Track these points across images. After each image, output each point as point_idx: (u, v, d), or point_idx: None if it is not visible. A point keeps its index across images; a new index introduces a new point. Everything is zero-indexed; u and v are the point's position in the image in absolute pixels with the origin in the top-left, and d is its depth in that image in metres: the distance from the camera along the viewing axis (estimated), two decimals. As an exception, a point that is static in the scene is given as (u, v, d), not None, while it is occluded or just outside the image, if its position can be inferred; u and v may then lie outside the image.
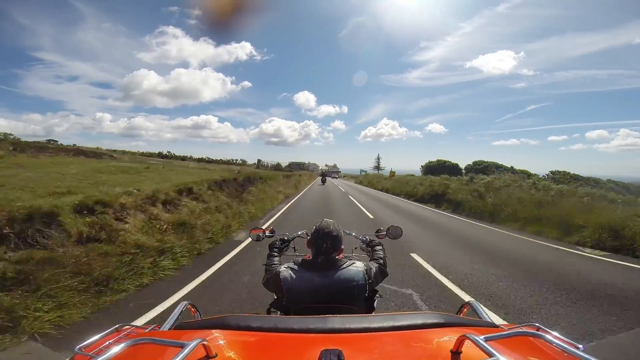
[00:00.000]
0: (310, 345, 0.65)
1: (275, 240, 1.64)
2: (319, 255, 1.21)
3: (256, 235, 1.91)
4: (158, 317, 2.80)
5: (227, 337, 0.71)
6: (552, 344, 0.67)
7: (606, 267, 4.90)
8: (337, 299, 1.13)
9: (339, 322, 0.75)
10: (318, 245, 1.22)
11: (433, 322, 0.77)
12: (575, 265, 4.91)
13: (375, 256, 1.45)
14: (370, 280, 1.19)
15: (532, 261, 5.05)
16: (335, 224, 1.29)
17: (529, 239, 7.14)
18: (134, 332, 0.92)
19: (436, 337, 0.70)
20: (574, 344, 0.71)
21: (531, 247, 6.28)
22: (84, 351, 0.72)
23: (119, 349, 0.58)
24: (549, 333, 0.77)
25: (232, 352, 0.65)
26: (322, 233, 1.23)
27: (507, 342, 0.66)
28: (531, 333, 0.72)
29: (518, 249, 6.05)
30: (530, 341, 0.72)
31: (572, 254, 5.83)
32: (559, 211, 7.98)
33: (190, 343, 0.57)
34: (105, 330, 0.87)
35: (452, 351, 0.62)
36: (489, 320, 0.96)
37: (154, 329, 0.97)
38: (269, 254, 1.51)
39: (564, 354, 0.65)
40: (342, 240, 1.27)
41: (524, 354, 0.66)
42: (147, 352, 0.64)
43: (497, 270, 4.45)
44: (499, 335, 0.65)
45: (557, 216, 7.83)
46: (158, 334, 0.83)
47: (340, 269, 1.18)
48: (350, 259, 1.29)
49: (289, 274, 1.18)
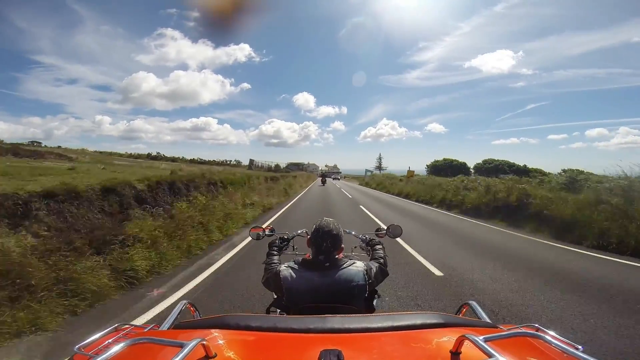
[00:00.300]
0: (309, 345, 0.65)
1: (275, 239, 1.63)
2: (319, 255, 1.21)
3: (256, 234, 1.92)
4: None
5: (226, 336, 0.71)
6: (551, 344, 0.68)
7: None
8: (337, 298, 1.13)
9: (339, 322, 0.75)
10: (318, 244, 1.21)
11: (432, 323, 0.76)
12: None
13: (376, 255, 1.44)
14: (370, 280, 1.19)
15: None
16: (335, 222, 1.28)
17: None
18: (133, 332, 0.92)
19: (435, 338, 0.70)
20: (573, 345, 0.71)
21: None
22: (83, 351, 0.72)
23: (119, 349, 0.58)
24: (548, 333, 0.77)
25: (232, 352, 0.65)
26: (322, 232, 1.23)
27: (507, 343, 0.66)
28: (530, 334, 0.72)
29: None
30: (529, 342, 0.72)
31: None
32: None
33: (190, 343, 0.57)
34: (105, 330, 0.87)
35: (452, 351, 0.62)
36: (488, 321, 0.96)
37: (153, 328, 0.97)
38: (269, 252, 1.50)
39: (563, 354, 0.65)
40: (342, 239, 1.27)
41: (524, 355, 0.66)
42: (146, 351, 0.64)
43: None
44: (499, 336, 0.65)
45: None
46: (157, 334, 0.83)
47: (341, 269, 1.17)
48: (350, 258, 1.29)
49: (289, 274, 1.18)
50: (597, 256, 5.37)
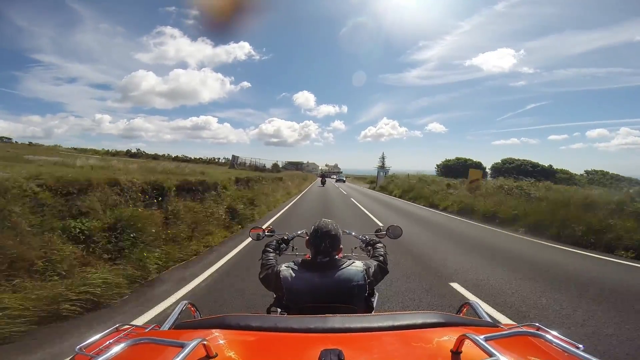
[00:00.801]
0: (310, 345, 0.65)
1: (272, 240, 1.63)
2: (318, 255, 1.22)
3: (256, 235, 1.92)
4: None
5: (227, 336, 0.71)
6: (552, 343, 0.68)
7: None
8: (337, 298, 1.13)
9: (339, 321, 0.75)
10: (317, 244, 1.22)
11: (433, 322, 0.76)
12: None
13: (376, 254, 1.45)
14: (369, 280, 1.19)
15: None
16: (333, 223, 1.29)
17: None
18: (133, 332, 0.92)
19: (436, 337, 0.70)
20: (574, 344, 0.71)
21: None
22: (84, 351, 0.72)
23: (119, 349, 0.58)
24: (549, 333, 0.77)
25: (232, 352, 0.65)
26: (320, 233, 1.23)
27: (507, 342, 0.66)
28: (531, 333, 0.72)
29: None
30: (530, 341, 0.72)
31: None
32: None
33: (190, 343, 0.57)
34: (105, 330, 0.87)
35: (452, 351, 0.62)
36: (489, 320, 0.96)
37: (153, 328, 0.97)
38: (264, 250, 1.48)
39: (564, 353, 0.65)
40: (340, 239, 1.27)
41: (524, 354, 0.66)
42: (147, 352, 0.64)
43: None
44: (499, 335, 0.65)
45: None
46: (158, 334, 0.83)
47: (340, 269, 1.17)
48: (349, 258, 1.29)
49: (289, 274, 1.18)
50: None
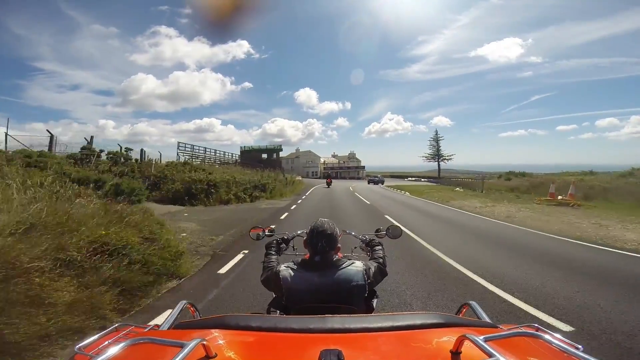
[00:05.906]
0: (309, 345, 0.65)
1: (272, 240, 1.64)
2: (315, 255, 1.22)
3: (256, 235, 1.93)
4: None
5: (226, 336, 0.71)
6: (551, 344, 0.68)
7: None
8: (336, 298, 1.13)
9: (339, 322, 0.75)
10: (314, 244, 1.22)
11: (432, 322, 0.76)
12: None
13: (375, 255, 1.45)
14: (369, 280, 1.19)
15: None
16: (330, 222, 1.29)
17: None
18: (133, 332, 0.92)
19: (436, 337, 0.70)
20: (573, 344, 0.71)
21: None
22: (83, 351, 0.71)
23: (119, 349, 0.58)
24: (548, 333, 0.77)
25: (232, 352, 0.65)
26: (316, 232, 1.23)
27: (507, 343, 0.66)
28: (530, 333, 0.72)
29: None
30: (529, 341, 0.72)
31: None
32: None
33: (190, 343, 0.57)
34: (105, 330, 0.87)
35: (452, 351, 0.62)
36: (489, 321, 0.96)
37: (153, 328, 0.97)
38: (266, 252, 1.51)
39: (563, 354, 0.65)
40: (337, 238, 1.27)
41: (524, 354, 0.66)
42: (146, 351, 0.64)
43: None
44: (499, 336, 0.65)
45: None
46: (157, 334, 0.83)
47: (340, 269, 1.18)
48: (349, 258, 1.29)
49: (289, 274, 1.18)
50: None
